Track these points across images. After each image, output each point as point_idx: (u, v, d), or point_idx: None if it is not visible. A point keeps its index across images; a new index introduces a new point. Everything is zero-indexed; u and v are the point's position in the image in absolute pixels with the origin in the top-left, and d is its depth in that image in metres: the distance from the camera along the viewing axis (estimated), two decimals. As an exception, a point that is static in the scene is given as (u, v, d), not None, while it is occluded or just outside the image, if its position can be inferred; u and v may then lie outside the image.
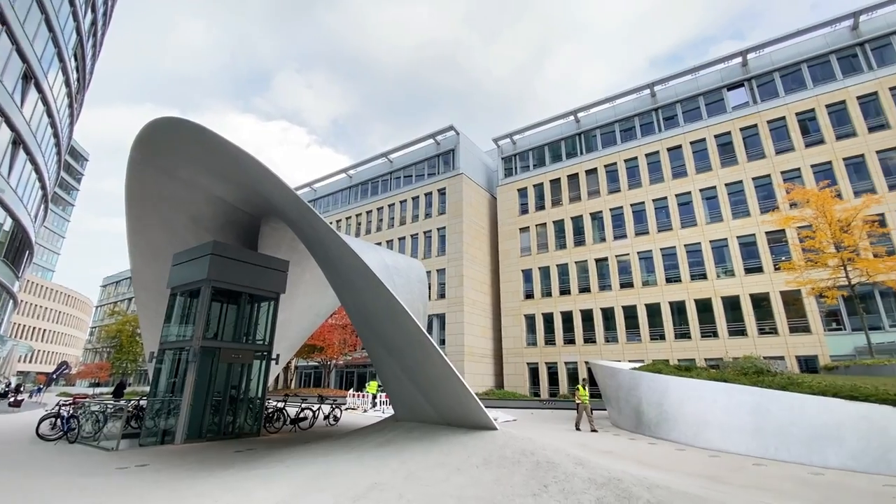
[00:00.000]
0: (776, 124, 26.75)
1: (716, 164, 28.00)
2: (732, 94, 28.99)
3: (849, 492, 6.93)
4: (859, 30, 25.63)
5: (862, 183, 23.55)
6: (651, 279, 28.70)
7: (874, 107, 24.35)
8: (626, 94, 32.84)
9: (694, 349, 25.94)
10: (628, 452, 10.27)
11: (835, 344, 22.31)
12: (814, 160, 24.99)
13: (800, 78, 26.96)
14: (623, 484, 4.99)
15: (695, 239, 27.52)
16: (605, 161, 32.60)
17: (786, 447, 9.56)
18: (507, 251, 35.42)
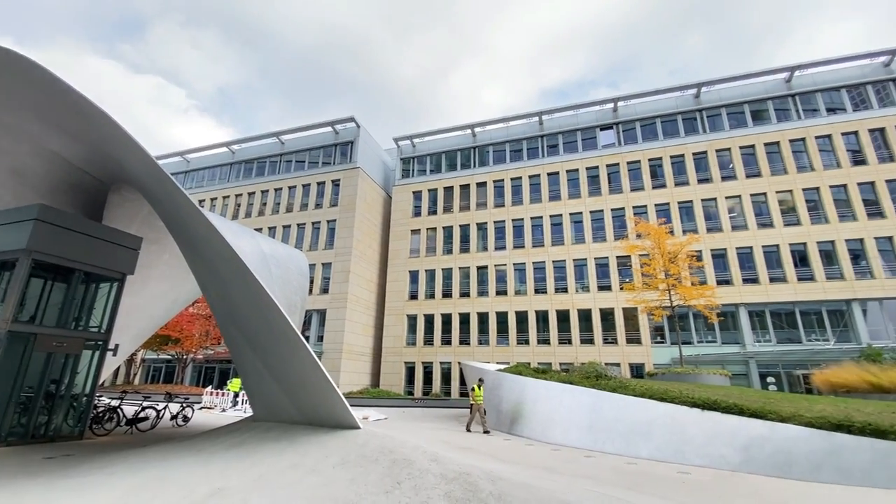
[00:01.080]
0: (633, 166, 31.44)
1: (584, 193, 31.85)
2: (603, 134, 33.34)
3: (651, 477, 8.39)
4: (700, 99, 31.52)
5: (689, 224, 28.91)
6: (522, 289, 31.40)
7: (704, 163, 30.09)
8: (519, 118, 35.61)
9: (552, 354, 29.00)
10: (485, 448, 11.06)
11: (658, 354, 26.93)
12: (657, 200, 29.94)
13: (654, 130, 32.14)
14: (471, 478, 5.38)
15: (561, 256, 30.89)
16: (494, 176, 34.82)
17: (611, 441, 11.22)
18: (397, 251, 35.60)
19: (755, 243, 27.18)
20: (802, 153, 28.22)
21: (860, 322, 24.66)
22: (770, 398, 11.34)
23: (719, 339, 26.94)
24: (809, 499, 6.87)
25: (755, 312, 26.74)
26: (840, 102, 28.85)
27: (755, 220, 27.72)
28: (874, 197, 26.22)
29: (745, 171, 28.85)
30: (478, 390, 14.13)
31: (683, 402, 10.54)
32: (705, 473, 8.67)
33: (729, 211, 28.49)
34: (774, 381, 25.00)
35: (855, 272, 25.22)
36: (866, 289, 24.80)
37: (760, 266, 26.73)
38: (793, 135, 28.51)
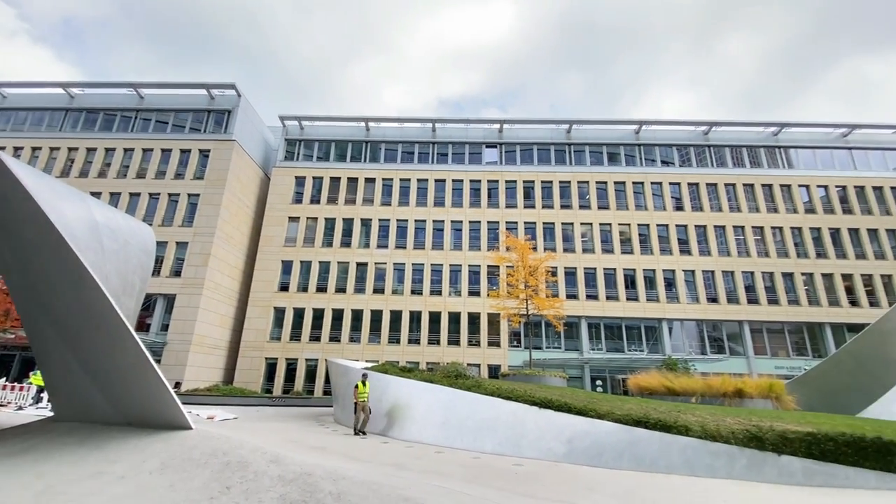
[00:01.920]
0: (510, 185, 34.19)
1: (466, 203, 33.60)
2: (488, 151, 35.65)
3: (491, 470, 9.13)
4: (570, 134, 35.69)
5: (550, 242, 32.43)
6: (400, 289, 31.76)
7: (567, 190, 34.08)
8: (415, 121, 36.11)
9: (420, 353, 29.84)
10: (339, 447, 10.86)
11: (513, 357, 29.58)
12: (526, 219, 33.02)
13: (531, 155, 35.43)
14: (312, 478, 5.24)
15: (440, 260, 32.07)
16: (384, 174, 34.66)
17: (462, 437, 11.95)
18: (271, 237, 33.04)
19: (598, 265, 31.71)
20: (640, 194, 33.83)
21: (666, 337, 30.43)
22: (594, 398, 13.25)
23: (563, 346, 30.72)
24: (609, 481, 8.21)
25: (593, 324, 31.14)
26: (671, 157, 35.38)
27: (601, 246, 32.35)
28: (685, 237, 32.64)
29: (597, 203, 33.51)
30: (362, 388, 13.38)
31: (525, 400, 11.71)
32: (536, 465, 9.75)
33: (581, 235, 32.77)
34: (601, 383, 29.43)
35: (666, 297, 31.04)
36: (673, 311, 30.69)
37: (601, 285, 31.25)
38: (636, 178, 34.03)
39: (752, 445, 8.87)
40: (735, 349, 30.72)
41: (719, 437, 9.16)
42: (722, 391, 15.49)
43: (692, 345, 31.04)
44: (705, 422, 9.68)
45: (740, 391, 15.25)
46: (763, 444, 8.82)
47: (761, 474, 8.69)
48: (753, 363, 29.38)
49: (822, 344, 30.26)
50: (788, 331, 31.06)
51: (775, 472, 8.64)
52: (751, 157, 35.20)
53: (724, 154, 35.17)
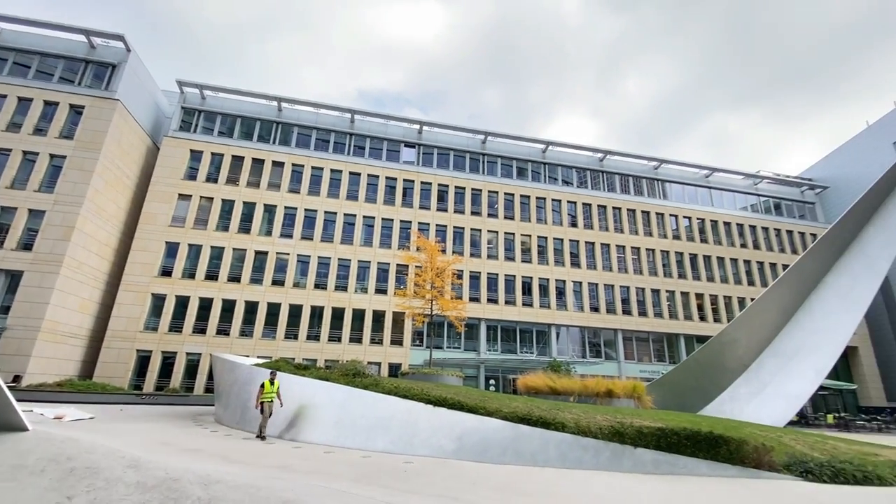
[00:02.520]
0: (425, 186, 34.60)
1: (380, 200, 33.22)
2: (406, 151, 35.69)
3: (380, 468, 9.12)
4: (486, 145, 37.17)
5: (458, 246, 33.42)
6: (302, 282, 30.29)
7: (479, 198, 35.41)
8: (333, 109, 34.71)
9: (319, 351, 28.75)
10: (217, 449, 10.04)
11: (414, 356, 29.90)
12: (438, 221, 33.67)
13: (448, 160, 36.25)
14: (178, 483, 4.78)
15: (348, 256, 31.26)
16: (295, 159, 32.81)
17: (354, 436, 11.76)
18: (154, 215, 29.31)
19: (501, 271, 33.48)
20: (542, 209, 36.46)
21: (554, 341, 33.15)
22: (485, 397, 13.94)
23: (462, 346, 31.87)
24: (493, 475, 8.72)
25: (491, 326, 32.77)
26: (571, 178, 38.68)
27: (504, 254, 34.20)
28: (577, 251, 35.89)
29: (504, 213, 35.38)
30: (269, 386, 12.25)
31: (421, 399, 11.93)
32: (426, 462, 9.98)
33: (488, 242, 34.35)
34: (494, 383, 31.09)
35: (557, 304, 33.82)
36: (561, 317, 33.53)
37: (501, 290, 33.02)
38: (539, 193, 36.60)
39: (615, 440, 10.06)
40: (609, 354, 34.54)
41: (589, 432, 10.24)
42: (595, 391, 17.30)
43: (575, 349, 34.23)
44: (579, 419, 10.75)
45: (610, 391, 17.17)
46: (624, 438, 10.05)
47: (620, 465, 9.89)
48: (623, 367, 33.30)
49: (676, 352, 35.36)
50: (652, 339, 35.78)
51: (631, 462, 9.90)
52: (635, 186, 39.97)
53: (614, 180, 39.44)
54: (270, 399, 12.18)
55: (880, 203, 19.47)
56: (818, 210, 43.77)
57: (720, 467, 9.72)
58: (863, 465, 9.67)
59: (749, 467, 9.72)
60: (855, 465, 9.67)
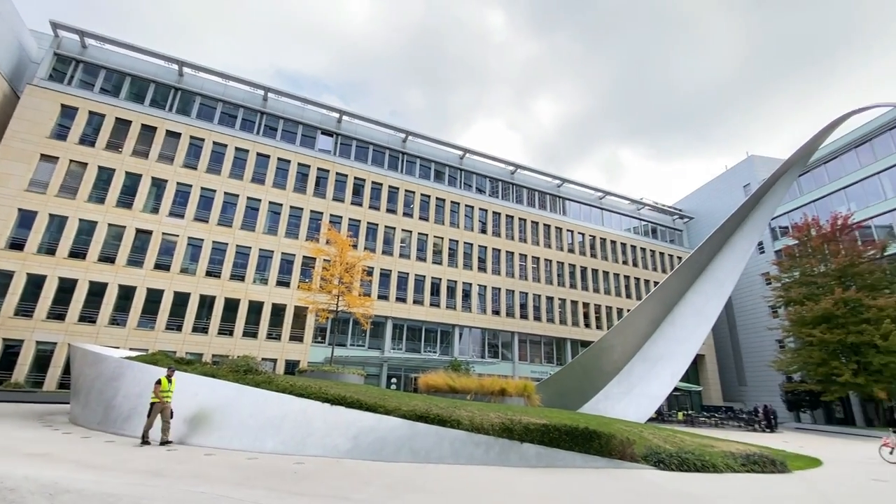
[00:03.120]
0: (341, 178, 33.54)
1: (290, 186, 31.42)
2: (323, 139, 34.26)
3: (267, 470, 8.62)
4: (406, 144, 37.15)
5: (371, 243, 32.94)
6: (192, 268, 27.44)
7: (396, 196, 35.24)
8: (244, 83, 32.04)
9: (207, 344, 26.27)
10: (73, 454, 8.68)
11: (315, 353, 28.75)
12: (352, 215, 32.86)
13: (366, 154, 35.55)
14: (16, 493, 4.08)
15: (248, 243, 29.03)
16: (194, 132, 29.63)
17: (241, 437, 10.96)
18: (7, 175, 24.37)
19: (411, 271, 33.72)
20: (456, 213, 37.50)
21: (457, 341, 34.23)
22: (386, 395, 13.93)
23: (367, 344, 31.45)
24: (386, 473, 8.75)
25: (397, 325, 32.82)
26: (484, 186, 40.30)
27: (416, 253, 34.50)
28: (484, 257, 37.48)
29: (419, 214, 35.70)
30: (166, 383, 10.88)
31: (318, 397, 11.53)
32: (318, 462, 9.66)
33: (401, 241, 34.37)
34: (396, 381, 31.15)
35: (462, 306, 34.99)
36: (465, 318, 34.75)
37: (410, 289, 33.24)
38: (454, 198, 37.60)
39: (505, 436, 10.71)
40: (506, 355, 36.63)
41: (482, 429, 10.76)
42: (491, 390, 18.23)
43: (475, 349, 35.71)
44: (474, 416, 11.24)
45: (504, 390, 18.23)
46: (513, 434, 10.74)
47: (508, 460, 10.55)
48: (517, 367, 35.54)
49: (564, 354, 38.68)
50: (544, 342, 38.72)
51: (518, 457, 10.61)
52: (540, 200, 42.98)
53: (522, 193, 42.00)
54: (169, 398, 10.88)
55: (729, 236, 23.37)
56: (685, 237, 51.08)
57: (592, 459, 10.85)
58: (702, 456, 11.48)
59: (615, 458, 10.99)
60: (696, 455, 11.43)
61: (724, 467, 11.19)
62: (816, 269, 31.25)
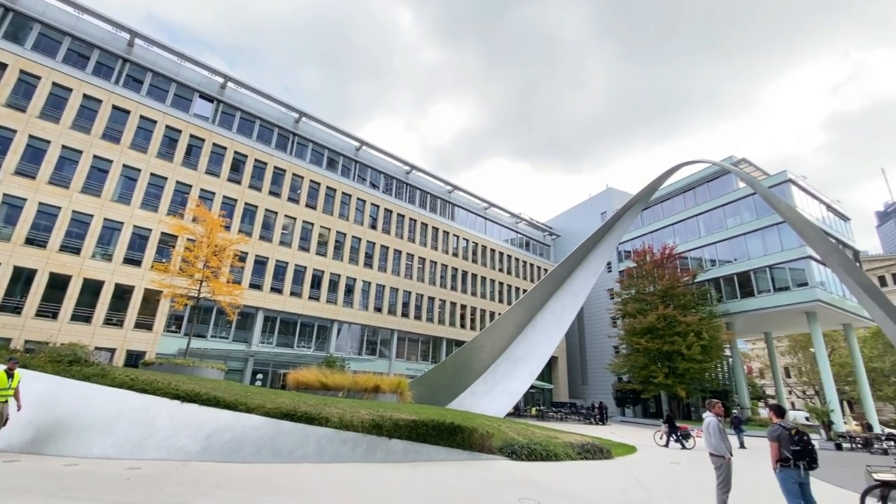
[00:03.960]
0: (218, 150, 30.16)
1: (153, 150, 27.24)
2: (201, 103, 30.45)
3: (90, 478, 7.39)
4: (298, 125, 34.96)
5: (247, 226, 30.23)
6: (6, 233, 22.06)
7: (281, 179, 32.91)
8: (104, 20, 26.84)
9: (19, 328, 21.36)
10: None
11: (166, 343, 25.30)
12: (228, 193, 29.77)
13: (251, 128, 32.58)
14: None
15: (90, 209, 24.39)
16: (26, 66, 23.88)
17: (59, 440, 9.20)
18: None
19: (292, 260, 31.83)
20: (347, 205, 36.50)
21: (334, 337, 33.27)
22: (249, 392, 12.96)
23: (231, 336, 28.74)
24: (241, 475, 8.16)
25: (270, 317, 30.67)
26: (378, 181, 39.99)
27: (298, 242, 32.68)
28: (371, 252, 37.16)
29: (306, 200, 33.92)
30: (5, 380, 8.77)
31: (167, 393, 10.26)
32: (160, 466, 8.60)
33: (283, 228, 32.23)
34: (262, 377, 29.07)
35: (344, 300, 34.17)
36: (346, 314, 33.99)
37: (288, 280, 31.35)
38: (346, 189, 36.56)
39: (374, 432, 10.80)
40: (384, 352, 36.76)
41: (352, 426, 10.70)
42: (365, 387, 18.20)
43: (353, 346, 35.14)
44: (344, 413, 11.12)
45: (378, 387, 18.34)
46: (382, 430, 10.88)
47: (375, 455, 10.65)
48: (394, 364, 35.92)
49: (439, 353, 40.23)
50: (421, 341, 39.81)
51: (385, 452, 10.78)
52: (432, 203, 44.17)
53: (415, 194, 42.68)
54: (6, 399, 8.87)
55: (586, 255, 26.86)
56: (552, 252, 57.13)
57: (455, 452, 11.55)
58: (548, 446, 13.01)
59: (476, 451, 11.87)
60: (543, 446, 12.92)
61: (565, 456, 12.86)
62: (647, 289, 37.62)
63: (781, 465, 6.24)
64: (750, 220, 36.41)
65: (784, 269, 33.44)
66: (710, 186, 41.24)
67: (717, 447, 7.20)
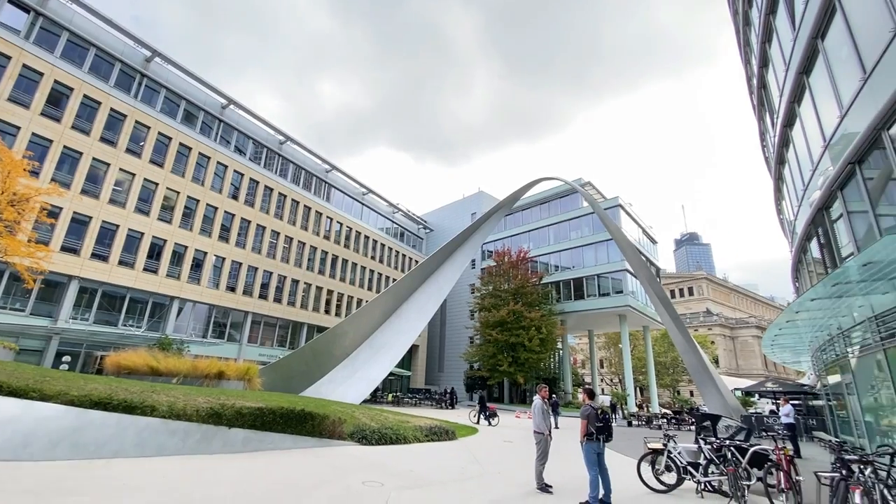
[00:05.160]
0: (31, 75, 23.87)
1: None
2: (10, 10, 23.68)
3: None
4: (150, 65, 29.57)
5: (65, 175, 24.59)
6: None
7: (119, 125, 27.48)
8: None
9: None
10: None
11: (-82, 313, 19.21)
12: (40, 130, 23.79)
13: (83, 55, 26.51)
14: None
15: None
16: None
17: None
18: None
19: (124, 223, 26.97)
20: (203, 167, 32.26)
21: (173, 316, 29.23)
22: (47, 376, 10.69)
23: (30, 309, 23.20)
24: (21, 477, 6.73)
25: (88, 289, 25.56)
26: (246, 147, 36.22)
27: (136, 203, 27.81)
28: (229, 225, 33.56)
29: (151, 155, 29.01)
30: None
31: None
32: None
33: (116, 183, 27.04)
34: (70, 359, 24.08)
35: (189, 276, 30.22)
36: (190, 291, 30.13)
37: (118, 246, 26.51)
38: (205, 149, 32.28)
39: (211, 421, 9.90)
40: (233, 336, 33.63)
41: (184, 415, 9.64)
42: (206, 373, 16.50)
43: (197, 327, 31.37)
44: (176, 401, 9.96)
45: (222, 373, 16.79)
46: (221, 419, 10.03)
47: (210, 446, 9.77)
48: (244, 349, 33.12)
49: (298, 339, 38.39)
50: (280, 325, 37.49)
51: (221, 443, 9.97)
52: (306, 180, 41.72)
53: (288, 168, 39.80)
54: None
55: (453, 251, 28.43)
56: (425, 244, 58.98)
57: (302, 440, 11.25)
58: (398, 430, 13.51)
59: (325, 437, 11.73)
60: (394, 430, 13.37)
61: (413, 439, 13.54)
62: (503, 286, 41.48)
63: (587, 438, 7.57)
64: (588, 235, 42.78)
65: (608, 278, 40.15)
66: (562, 202, 47.19)
67: (539, 425, 8.41)
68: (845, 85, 10.13)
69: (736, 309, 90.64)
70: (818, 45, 11.12)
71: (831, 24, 10.42)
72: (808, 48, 11.47)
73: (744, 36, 19.44)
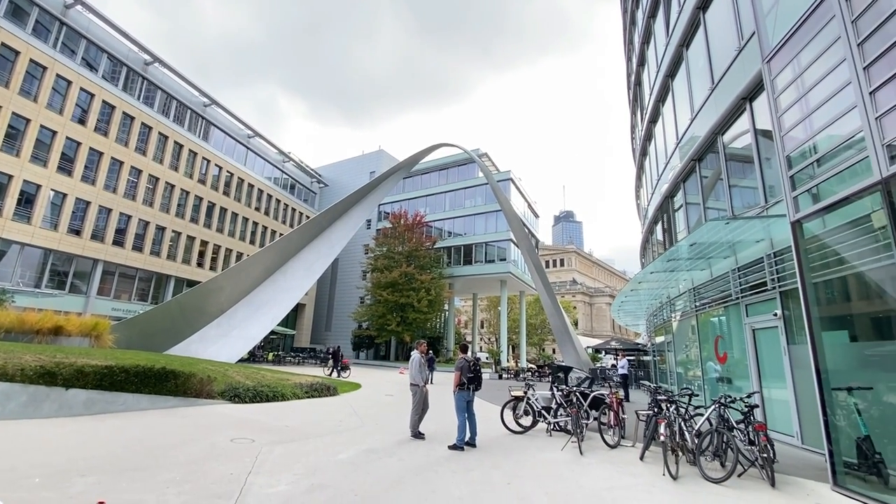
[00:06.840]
0: None
1: None
2: None
3: None
4: None
5: None
6: None
7: None
8: None
9: None
10: None
11: None
12: None
13: None
14: None
15: None
16: None
17: None
18: None
19: (-89, 138, 20.75)
20: (37, 80, 25.99)
21: (-10, 260, 23.85)
22: None
23: None
24: None
25: None
26: (98, 61, 29.87)
27: (-70, 113, 21.48)
28: (73, 155, 27.88)
29: (-46, 53, 22.40)
30: None
31: None
32: None
33: None
34: None
35: (15, 213, 24.72)
36: (18, 231, 24.77)
37: None
38: (40, 56, 25.89)
39: (41, 382, 8.53)
40: (78, 287, 28.74)
41: (5, 375, 8.15)
42: (38, 328, 14.08)
43: (28, 275, 26.12)
44: (-8, 360, 8.35)
45: (60, 328, 14.44)
46: (55, 379, 8.69)
47: (40, 410, 8.46)
48: (93, 303, 28.61)
49: (163, 293, 34.28)
50: (140, 277, 32.97)
51: (57, 405, 8.68)
52: (179, 112, 36.13)
53: (155, 95, 33.97)
54: None
55: (348, 208, 27.58)
56: (318, 199, 56.04)
57: (162, 400, 10.30)
58: (276, 388, 13.11)
59: (191, 397, 10.89)
60: (271, 388, 12.94)
61: (292, 396, 13.30)
62: (397, 249, 41.75)
63: (459, 388, 8.27)
64: (481, 205, 44.80)
65: (494, 246, 42.88)
66: (459, 170, 48.39)
67: (415, 377, 8.92)
68: (698, 92, 11.93)
69: (596, 280, 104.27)
70: (683, 52, 12.81)
71: (695, 36, 12.05)
72: (676, 54, 13.16)
73: (629, 35, 21.47)
